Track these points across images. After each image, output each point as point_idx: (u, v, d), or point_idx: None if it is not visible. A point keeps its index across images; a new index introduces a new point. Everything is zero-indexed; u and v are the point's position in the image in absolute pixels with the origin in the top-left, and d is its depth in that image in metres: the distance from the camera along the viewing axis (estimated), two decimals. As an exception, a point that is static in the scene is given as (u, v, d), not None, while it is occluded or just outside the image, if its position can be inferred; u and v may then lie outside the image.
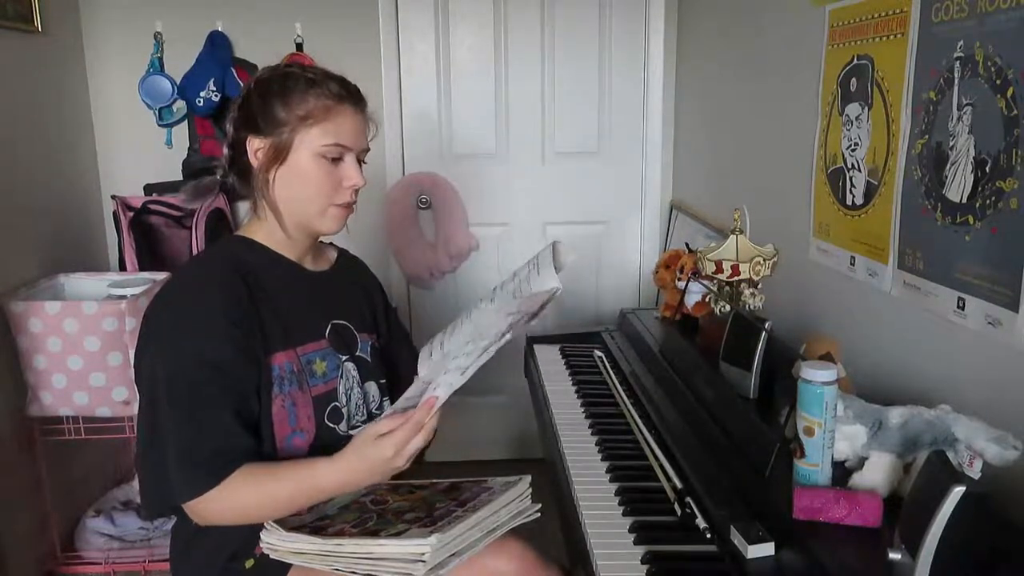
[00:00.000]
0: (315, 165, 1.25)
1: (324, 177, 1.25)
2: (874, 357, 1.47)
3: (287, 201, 1.27)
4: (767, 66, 2.01)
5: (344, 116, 1.26)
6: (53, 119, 2.52)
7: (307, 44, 2.75)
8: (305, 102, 1.23)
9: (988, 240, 1.16)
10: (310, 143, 1.24)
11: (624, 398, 1.62)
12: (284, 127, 1.23)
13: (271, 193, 1.26)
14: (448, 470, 1.50)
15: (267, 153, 1.24)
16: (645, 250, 3.04)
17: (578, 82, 2.91)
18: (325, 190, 1.26)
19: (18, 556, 2.19)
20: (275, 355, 1.23)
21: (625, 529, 1.20)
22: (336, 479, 1.18)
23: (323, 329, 1.32)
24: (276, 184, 1.26)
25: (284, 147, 1.24)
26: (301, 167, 1.25)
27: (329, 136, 1.24)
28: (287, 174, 1.25)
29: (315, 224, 1.29)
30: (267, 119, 1.24)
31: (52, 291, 2.30)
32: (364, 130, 1.31)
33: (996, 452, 0.99)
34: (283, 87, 1.24)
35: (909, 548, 0.86)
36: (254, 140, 1.25)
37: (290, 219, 1.28)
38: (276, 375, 1.23)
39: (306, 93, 1.24)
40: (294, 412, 1.23)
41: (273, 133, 1.23)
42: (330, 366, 1.30)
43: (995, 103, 1.14)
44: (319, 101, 1.24)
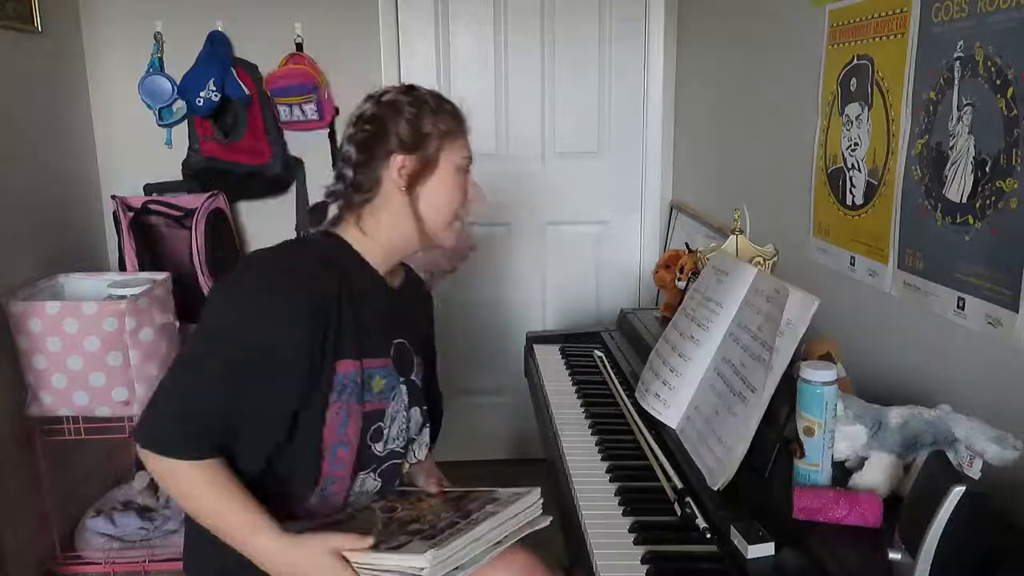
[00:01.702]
0: (456, 177, 1.32)
1: (463, 188, 1.33)
2: (874, 357, 1.47)
3: (428, 212, 1.30)
4: (767, 66, 2.01)
5: (467, 138, 1.35)
6: (53, 119, 2.52)
7: (307, 44, 2.75)
8: (444, 120, 1.31)
9: (988, 240, 1.16)
10: (453, 156, 1.31)
11: (624, 398, 1.62)
12: (431, 142, 1.28)
13: (415, 205, 1.29)
14: (448, 470, 1.50)
15: (415, 167, 1.28)
16: (645, 250, 3.04)
17: (578, 82, 2.91)
18: (462, 199, 1.33)
19: (18, 556, 2.19)
20: (342, 362, 1.23)
21: (625, 529, 1.20)
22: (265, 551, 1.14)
23: (389, 347, 1.32)
24: (422, 196, 1.29)
25: (432, 160, 1.29)
26: (447, 179, 1.30)
27: (464, 148, 1.33)
28: (434, 185, 1.30)
29: (440, 236, 1.34)
30: (415, 135, 1.28)
31: (52, 291, 2.30)
32: None
33: (996, 452, 0.99)
34: (419, 106, 1.30)
35: (909, 548, 0.86)
36: (399, 156, 1.27)
37: (422, 233, 1.31)
38: (339, 381, 1.22)
39: (441, 112, 1.31)
40: (346, 422, 1.23)
41: (420, 148, 1.28)
42: (388, 385, 1.30)
43: (995, 103, 1.14)
44: (453, 120, 1.32)
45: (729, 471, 1.15)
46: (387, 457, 1.31)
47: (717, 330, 1.37)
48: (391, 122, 1.28)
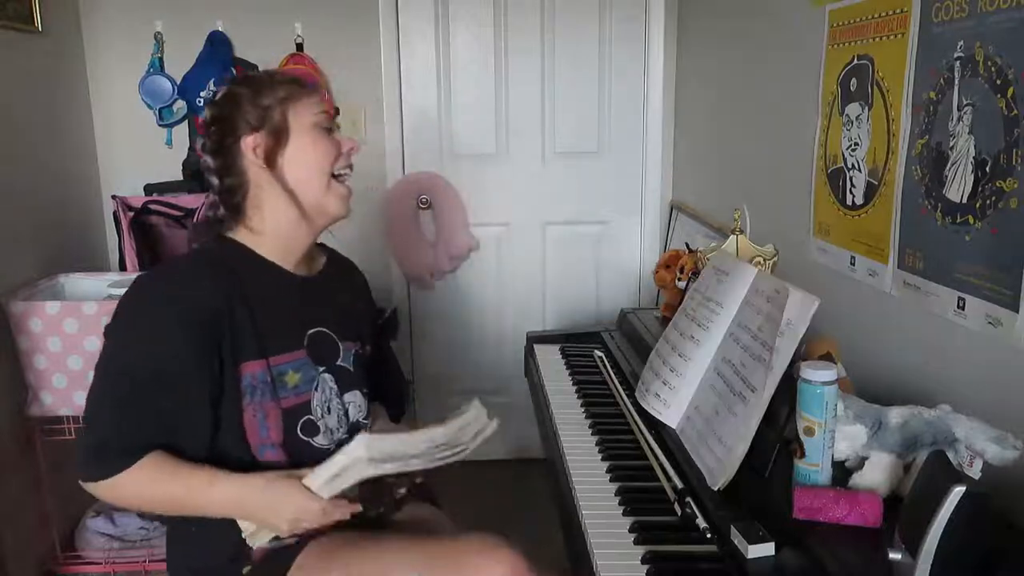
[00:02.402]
0: (315, 136, 1.27)
1: (327, 146, 1.28)
2: (874, 357, 1.47)
3: (299, 183, 1.27)
4: (767, 66, 2.01)
5: (315, 95, 1.31)
6: (53, 119, 2.52)
7: (307, 44, 2.75)
8: (281, 87, 1.27)
9: (988, 240, 1.16)
10: (303, 116, 1.26)
11: (624, 398, 1.62)
12: (273, 111, 1.25)
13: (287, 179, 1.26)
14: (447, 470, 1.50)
15: (267, 142, 1.25)
16: (645, 250, 3.04)
17: (578, 82, 2.91)
18: (330, 160, 1.28)
19: (18, 556, 2.19)
20: (246, 364, 1.22)
21: (625, 529, 1.20)
22: (229, 497, 1.18)
23: (302, 338, 1.30)
24: (286, 169, 1.26)
25: (282, 128, 1.25)
26: (305, 141, 1.26)
27: (314, 104, 1.28)
28: (294, 153, 1.26)
29: (325, 204, 1.29)
30: (255, 112, 1.25)
31: (52, 291, 2.30)
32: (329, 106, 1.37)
33: (996, 452, 0.99)
34: (252, 85, 1.27)
35: (909, 548, 0.86)
36: (248, 138, 1.25)
37: (304, 207, 1.28)
38: (247, 384, 1.22)
39: (276, 83, 1.27)
40: (264, 423, 1.23)
41: (265, 121, 1.24)
42: (304, 378, 1.28)
43: (995, 103, 1.14)
44: (292, 84, 1.28)
45: (729, 471, 1.15)
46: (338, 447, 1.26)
47: (717, 330, 1.37)
48: (231, 112, 1.26)
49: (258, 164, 1.25)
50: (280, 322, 1.27)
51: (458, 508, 1.58)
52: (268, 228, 1.28)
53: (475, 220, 2.96)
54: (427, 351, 3.05)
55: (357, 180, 3.10)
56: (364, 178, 2.88)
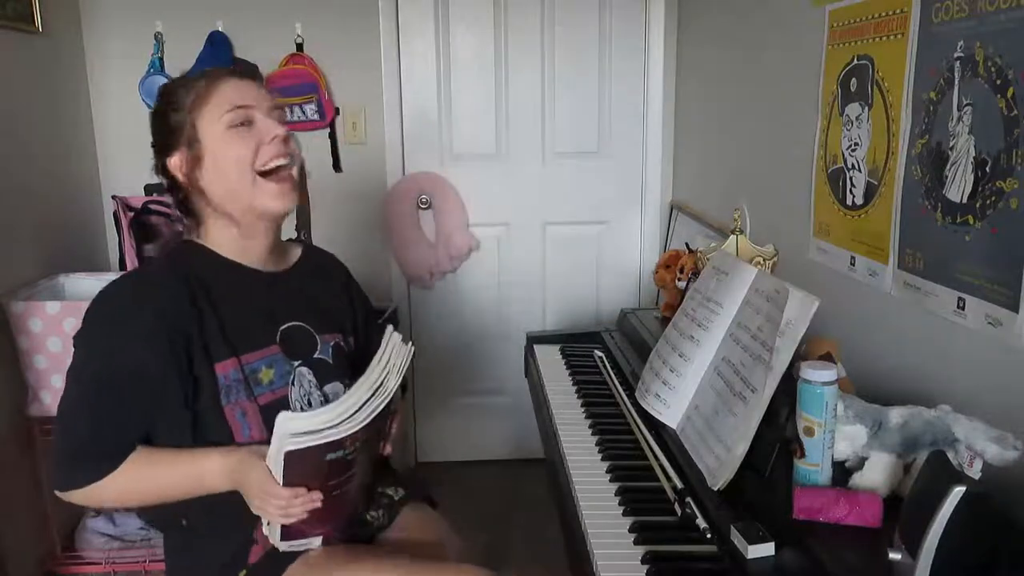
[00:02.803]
0: (228, 137, 1.22)
1: (243, 143, 1.22)
2: (874, 357, 1.47)
3: (223, 194, 1.24)
4: (767, 66, 2.01)
5: (229, 85, 1.24)
6: (53, 119, 2.52)
7: (307, 44, 2.75)
8: (187, 94, 1.23)
9: (988, 240, 1.16)
10: (211, 121, 1.22)
11: (624, 398, 1.62)
12: (183, 125, 1.22)
13: (209, 195, 1.24)
14: (448, 470, 1.50)
15: (187, 158, 1.23)
16: (645, 250, 3.04)
17: (578, 82, 2.91)
18: (247, 155, 1.22)
19: (18, 556, 2.20)
20: (219, 364, 1.21)
21: (625, 529, 1.20)
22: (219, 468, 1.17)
23: (274, 334, 1.29)
24: (207, 181, 1.23)
25: (194, 141, 1.22)
26: (217, 147, 1.22)
27: (224, 103, 1.22)
28: (210, 164, 1.23)
29: (256, 203, 1.24)
30: (169, 131, 1.24)
31: (52, 291, 2.30)
32: (261, 93, 1.27)
33: (996, 452, 0.99)
34: (166, 100, 1.25)
35: (909, 548, 0.86)
36: (171, 160, 1.24)
37: (237, 211, 1.25)
38: (222, 384, 1.21)
39: (185, 90, 1.24)
40: (244, 421, 1.22)
41: (180, 139, 1.23)
42: (278, 373, 1.27)
43: (995, 103, 1.14)
44: (199, 87, 1.23)
45: (729, 471, 1.15)
46: None
47: (717, 330, 1.37)
48: (154, 132, 1.26)
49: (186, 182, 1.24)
50: (249, 320, 1.26)
51: (458, 509, 1.58)
52: (221, 233, 1.28)
53: (475, 220, 2.96)
54: (427, 351, 3.05)
55: (357, 180, 3.09)
56: (364, 178, 2.90)
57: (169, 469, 1.19)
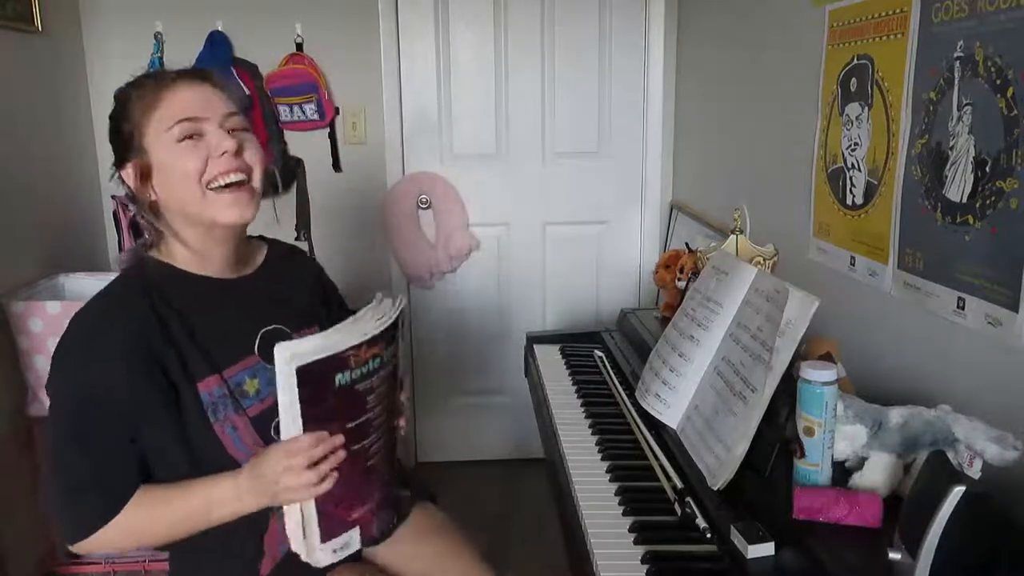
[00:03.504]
0: (176, 151, 1.16)
1: (190, 158, 1.15)
2: (874, 357, 1.47)
3: (173, 207, 1.19)
4: (767, 66, 2.01)
5: (178, 93, 1.18)
6: (53, 119, 2.52)
7: (307, 44, 2.75)
8: (136, 102, 1.18)
9: (988, 240, 1.16)
10: (157, 133, 1.16)
11: (624, 398, 1.62)
12: (132, 138, 1.17)
13: (162, 207, 1.19)
14: (448, 470, 1.50)
15: (136, 171, 1.18)
16: (645, 250, 3.04)
17: (578, 82, 2.91)
18: (193, 169, 1.15)
19: (18, 556, 2.20)
20: (201, 383, 1.16)
21: (625, 529, 1.20)
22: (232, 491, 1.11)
23: (251, 342, 1.24)
24: (158, 193, 1.18)
25: (142, 154, 1.17)
26: (164, 161, 1.16)
27: (170, 116, 1.16)
28: (159, 178, 1.17)
29: (207, 215, 1.18)
30: (119, 143, 1.19)
31: (52, 291, 2.30)
32: (216, 96, 1.20)
33: (996, 452, 0.99)
34: (118, 109, 1.20)
35: (909, 548, 0.86)
36: (125, 172, 1.20)
37: (187, 224, 1.20)
38: (207, 402, 1.16)
39: (134, 97, 1.18)
40: (237, 436, 1.17)
41: (129, 152, 1.18)
42: (263, 382, 1.22)
43: (995, 103, 1.14)
44: (147, 92, 1.18)
45: (729, 471, 1.15)
46: None
47: (717, 330, 1.37)
48: (110, 141, 1.22)
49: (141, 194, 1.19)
50: (223, 331, 1.21)
51: (458, 509, 1.58)
52: (181, 245, 1.21)
53: (475, 220, 2.96)
54: (427, 351, 3.05)
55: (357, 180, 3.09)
56: (364, 178, 2.90)
57: (183, 501, 1.13)
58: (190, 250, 1.22)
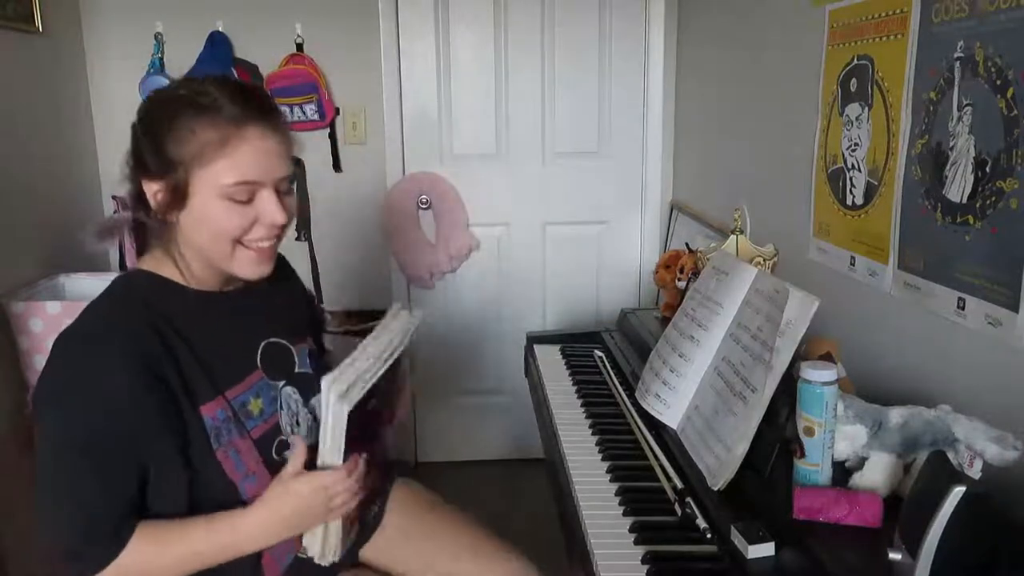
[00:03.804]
0: (222, 207, 1.07)
1: (235, 219, 1.08)
2: (874, 357, 1.47)
3: (196, 247, 1.12)
4: (767, 66, 2.01)
5: (247, 143, 1.06)
6: (53, 119, 2.52)
7: (307, 44, 2.75)
8: (195, 135, 1.05)
9: (988, 240, 1.16)
10: (211, 184, 1.06)
11: (624, 398, 1.62)
12: (177, 167, 1.06)
13: (176, 238, 1.12)
14: (448, 470, 1.50)
15: (165, 196, 1.08)
16: (645, 250, 3.04)
17: (578, 82, 2.91)
18: (238, 230, 1.09)
19: (18, 556, 2.19)
20: (204, 406, 1.09)
21: (625, 529, 1.20)
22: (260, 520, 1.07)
23: (254, 359, 1.19)
24: (181, 228, 1.10)
25: (182, 190, 1.06)
26: (206, 211, 1.07)
27: (231, 173, 1.05)
28: (190, 219, 1.09)
29: (229, 268, 1.13)
30: (156, 158, 1.07)
31: (52, 291, 2.30)
32: (280, 152, 1.10)
33: (996, 452, 0.99)
34: (169, 118, 1.07)
35: (909, 548, 0.86)
36: (149, 183, 1.09)
37: (200, 263, 1.14)
38: (210, 426, 1.09)
39: (195, 123, 1.05)
40: (239, 459, 1.12)
41: (166, 174, 1.07)
42: (267, 400, 1.18)
43: (995, 103, 1.14)
44: (213, 131, 1.05)
45: (729, 471, 1.15)
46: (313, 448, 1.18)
47: (717, 330, 1.37)
48: (136, 144, 1.11)
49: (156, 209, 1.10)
50: (224, 349, 1.14)
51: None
52: (179, 260, 1.14)
53: (475, 220, 2.96)
54: (427, 351, 3.05)
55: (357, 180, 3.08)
56: (364, 178, 2.90)
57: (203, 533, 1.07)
58: (186, 267, 1.14)
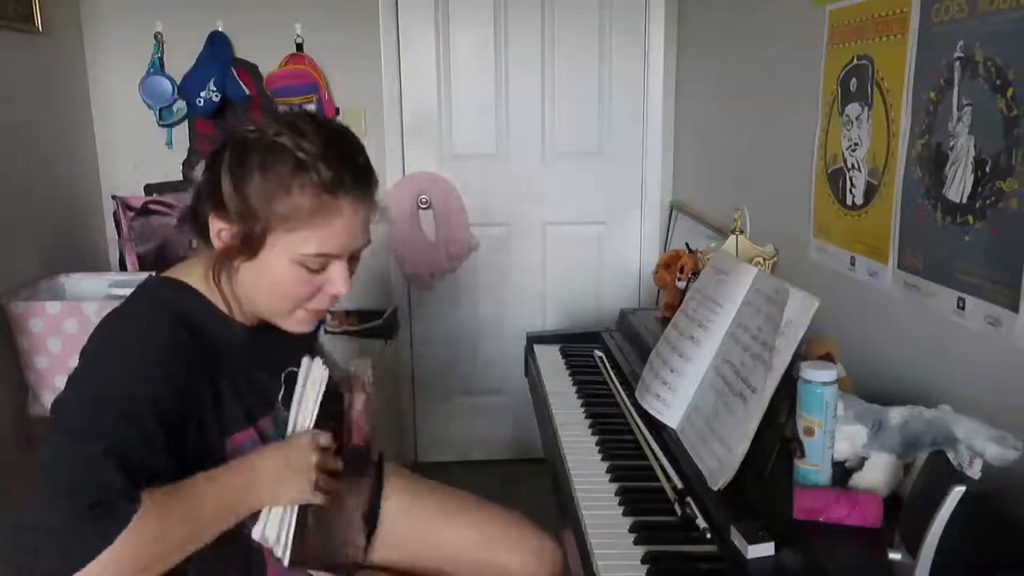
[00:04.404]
0: (291, 271, 1.02)
1: (300, 285, 1.04)
2: (874, 357, 1.47)
3: (249, 295, 1.06)
4: (767, 66, 2.01)
5: (337, 216, 1.00)
6: (53, 119, 2.52)
7: (307, 44, 2.75)
8: (289, 196, 0.98)
9: (988, 240, 1.16)
10: (288, 248, 1.00)
11: (624, 398, 1.62)
12: (257, 219, 0.98)
13: (231, 281, 1.05)
14: (448, 470, 1.50)
15: (232, 240, 1.01)
16: (645, 250, 3.04)
17: (578, 82, 2.91)
18: (299, 297, 1.05)
19: (18, 556, 2.19)
20: (233, 436, 1.03)
21: (625, 529, 1.20)
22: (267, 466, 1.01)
23: (277, 387, 1.13)
24: (239, 274, 1.04)
25: (255, 243, 1.00)
26: (273, 271, 1.02)
27: (313, 245, 1.00)
28: (253, 270, 1.02)
29: (277, 322, 1.09)
30: (236, 202, 0.99)
31: (52, 291, 2.30)
32: (366, 223, 1.06)
33: (996, 452, 0.99)
34: (262, 166, 0.98)
35: (909, 548, 0.86)
36: (217, 220, 1.01)
37: (248, 308, 1.08)
38: (230, 454, 1.03)
39: (290, 181, 0.98)
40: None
41: (243, 221, 0.99)
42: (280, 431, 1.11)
43: (995, 103, 1.14)
44: (307, 198, 0.98)
45: (729, 471, 1.15)
46: None
47: (717, 330, 1.37)
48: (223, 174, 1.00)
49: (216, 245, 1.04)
50: (256, 378, 1.09)
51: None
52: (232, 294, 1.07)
53: (475, 220, 2.95)
54: (427, 351, 3.05)
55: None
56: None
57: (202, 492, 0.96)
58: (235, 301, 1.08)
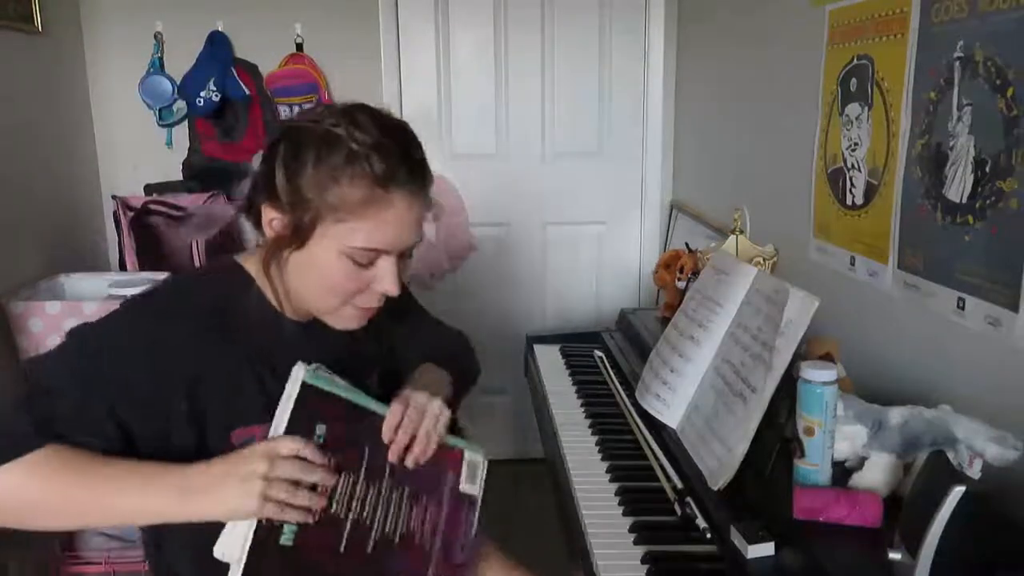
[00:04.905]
0: (339, 264, 0.99)
1: (349, 279, 1.01)
2: (874, 357, 1.47)
3: (298, 289, 1.04)
4: (767, 66, 2.01)
5: (389, 210, 0.98)
6: (53, 119, 2.52)
7: (307, 44, 2.75)
8: (339, 186, 0.96)
9: (988, 240, 1.16)
10: (337, 239, 0.98)
11: (624, 398, 1.62)
12: (307, 209, 0.97)
13: (282, 273, 1.04)
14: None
15: (283, 230, 1.00)
16: (645, 250, 3.04)
17: (578, 82, 2.91)
18: (346, 292, 1.02)
19: (18, 556, 2.19)
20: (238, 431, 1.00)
21: (625, 529, 1.20)
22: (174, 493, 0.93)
23: None
24: (289, 265, 1.02)
25: (304, 233, 0.98)
26: (322, 263, 1.00)
27: (361, 237, 0.98)
28: (302, 261, 1.01)
29: (325, 318, 1.06)
30: (288, 191, 0.98)
31: (52, 291, 2.30)
32: (418, 220, 1.02)
33: (996, 452, 0.99)
34: (316, 156, 0.97)
35: (909, 548, 0.86)
36: (269, 209, 1.00)
37: (297, 302, 1.07)
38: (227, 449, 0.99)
39: (342, 172, 0.96)
40: None
41: (293, 211, 0.98)
42: None
43: (995, 103, 1.14)
44: (358, 189, 0.96)
45: (729, 471, 1.15)
46: None
47: (717, 330, 1.37)
48: (276, 162, 0.99)
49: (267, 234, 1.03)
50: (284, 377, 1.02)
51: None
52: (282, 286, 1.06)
53: (475, 220, 2.95)
54: (427, 351, 3.05)
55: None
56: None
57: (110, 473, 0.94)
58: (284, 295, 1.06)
